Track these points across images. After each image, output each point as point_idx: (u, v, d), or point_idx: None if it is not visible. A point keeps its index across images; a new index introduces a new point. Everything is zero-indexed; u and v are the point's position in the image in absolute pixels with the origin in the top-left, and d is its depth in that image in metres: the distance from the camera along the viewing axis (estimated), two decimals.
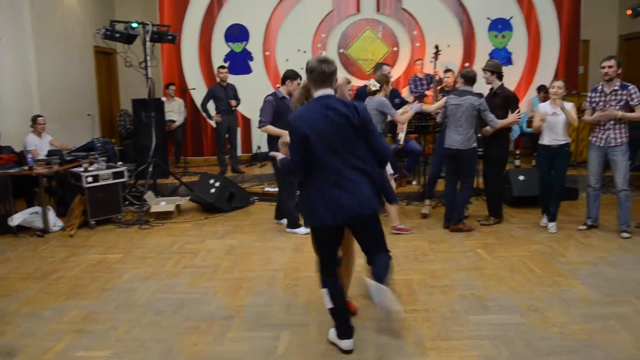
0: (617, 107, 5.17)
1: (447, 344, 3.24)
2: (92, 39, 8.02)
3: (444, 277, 4.32)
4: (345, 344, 3.15)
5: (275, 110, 5.40)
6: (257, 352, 3.20)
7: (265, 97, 5.51)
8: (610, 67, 5.15)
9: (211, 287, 4.23)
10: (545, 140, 5.55)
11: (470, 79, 5.54)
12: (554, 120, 5.44)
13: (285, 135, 3.41)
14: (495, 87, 5.74)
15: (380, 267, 2.99)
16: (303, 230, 5.51)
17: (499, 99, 5.67)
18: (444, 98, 5.77)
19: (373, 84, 5.61)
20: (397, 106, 6.27)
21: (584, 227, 5.58)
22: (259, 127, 5.57)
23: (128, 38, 7.04)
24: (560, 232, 5.51)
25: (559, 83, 5.42)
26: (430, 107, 6.14)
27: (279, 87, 5.69)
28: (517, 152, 8.26)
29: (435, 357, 3.09)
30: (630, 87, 5.15)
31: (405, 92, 9.03)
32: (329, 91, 3.05)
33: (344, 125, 2.96)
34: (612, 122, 5.21)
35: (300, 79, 5.57)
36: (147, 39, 7.10)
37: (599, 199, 5.56)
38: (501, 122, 5.54)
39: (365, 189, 2.98)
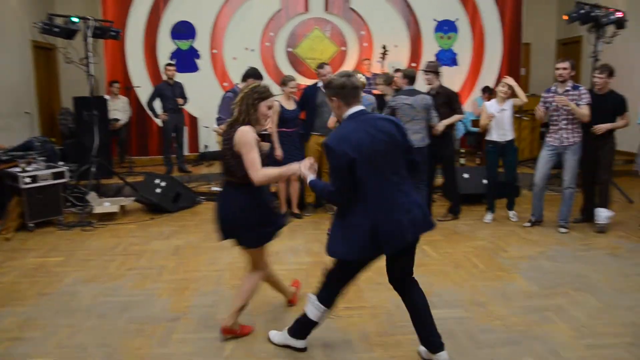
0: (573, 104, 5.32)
1: (393, 339, 3.29)
2: (29, 34, 7.70)
3: None
4: (302, 343, 3.15)
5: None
6: (204, 353, 3.15)
7: (225, 94, 5.53)
8: (564, 69, 5.35)
9: (156, 289, 4.14)
10: (494, 136, 5.79)
11: (413, 78, 5.68)
12: (501, 117, 5.71)
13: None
14: (435, 87, 5.88)
15: (422, 298, 3.00)
16: None
17: (442, 98, 5.81)
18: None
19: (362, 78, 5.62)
20: None
21: (529, 224, 5.75)
22: (218, 125, 5.55)
23: (68, 33, 6.78)
24: (502, 227, 5.69)
25: (507, 82, 5.77)
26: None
27: (237, 85, 5.68)
28: (462, 150, 8.47)
29: (382, 352, 3.13)
30: (581, 89, 5.37)
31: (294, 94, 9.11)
32: (361, 107, 2.85)
33: (391, 144, 2.77)
34: (564, 122, 5.37)
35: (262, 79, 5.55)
36: (89, 34, 6.87)
37: (543, 197, 5.73)
38: (447, 120, 5.69)
39: (418, 212, 2.84)
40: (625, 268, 4.45)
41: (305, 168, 3.00)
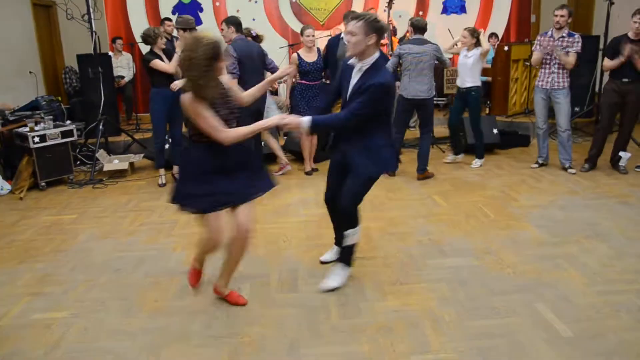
0: (563, 52, 5.46)
1: (406, 287, 3.33)
2: None
3: (401, 224, 4.41)
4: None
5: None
6: (219, 304, 3.21)
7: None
8: (562, 16, 5.45)
9: (170, 243, 4.19)
10: (458, 82, 5.99)
11: (420, 28, 5.55)
12: (463, 63, 5.83)
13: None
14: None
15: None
16: None
17: None
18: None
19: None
20: None
21: (536, 166, 5.98)
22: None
23: None
24: (513, 177, 5.68)
25: (464, 32, 5.81)
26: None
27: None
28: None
29: (394, 300, 3.18)
30: (575, 36, 5.47)
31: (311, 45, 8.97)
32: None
33: None
34: (555, 66, 5.53)
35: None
36: None
37: (548, 138, 5.94)
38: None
39: None
40: (636, 216, 4.45)
41: (284, 119, 2.94)
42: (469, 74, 5.81)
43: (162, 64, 5.44)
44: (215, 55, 2.69)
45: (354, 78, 3.10)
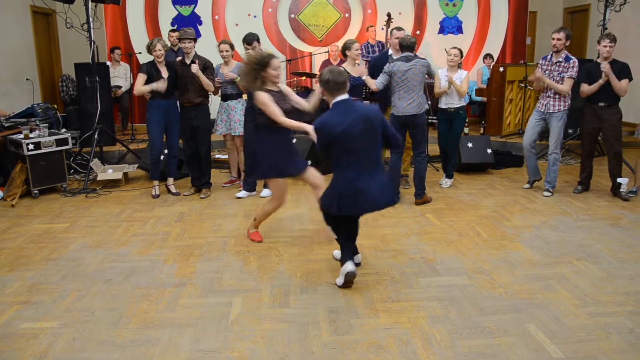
0: (559, 77, 5.47)
1: (397, 305, 3.33)
2: None
3: (394, 242, 4.41)
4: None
5: None
6: (210, 317, 3.19)
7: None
8: (559, 39, 5.43)
9: (161, 255, 4.17)
10: (442, 104, 5.95)
11: (406, 46, 5.35)
12: (447, 85, 5.81)
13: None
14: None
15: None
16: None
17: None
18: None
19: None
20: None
21: (528, 186, 6.01)
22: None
23: None
24: (506, 197, 5.70)
25: (455, 51, 5.81)
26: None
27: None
28: (466, 120, 8.41)
29: (386, 318, 3.17)
30: (571, 60, 5.45)
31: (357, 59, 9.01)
32: (344, 96, 3.48)
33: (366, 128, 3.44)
34: (552, 90, 5.54)
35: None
36: None
37: (534, 156, 5.92)
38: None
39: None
40: (627, 238, 4.47)
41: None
42: (456, 96, 5.84)
43: (138, 81, 5.48)
44: (263, 64, 3.90)
45: None
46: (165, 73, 5.54)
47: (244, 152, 5.86)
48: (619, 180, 5.60)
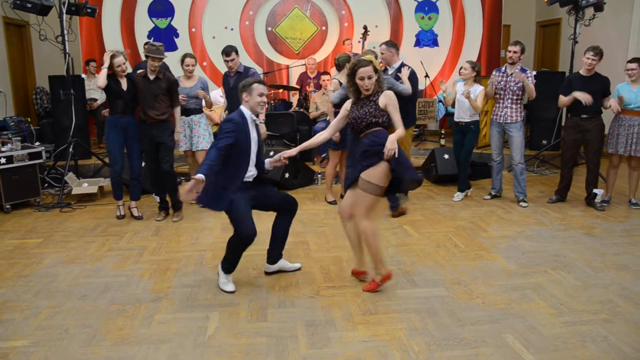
0: (515, 87, 5.62)
1: (375, 317, 3.32)
2: (0, 9, 7.46)
3: None
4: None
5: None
6: (187, 333, 3.14)
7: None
8: (515, 52, 5.64)
9: (137, 270, 4.10)
10: (456, 117, 6.03)
11: (338, 66, 5.66)
12: (461, 99, 5.86)
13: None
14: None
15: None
16: None
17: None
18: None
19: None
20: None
21: (489, 197, 6.10)
22: None
23: (41, 9, 6.56)
24: (482, 208, 5.76)
25: (467, 64, 5.87)
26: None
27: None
28: (442, 131, 8.52)
29: (364, 330, 3.16)
30: (527, 72, 5.64)
31: (333, 72, 9.06)
32: None
33: None
34: (509, 101, 5.67)
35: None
36: (64, 10, 6.69)
37: (502, 171, 6.06)
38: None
39: None
40: (601, 247, 4.55)
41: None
42: (467, 111, 5.85)
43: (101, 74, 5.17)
44: (352, 73, 3.66)
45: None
46: (124, 85, 5.22)
47: None
48: (595, 190, 5.69)
